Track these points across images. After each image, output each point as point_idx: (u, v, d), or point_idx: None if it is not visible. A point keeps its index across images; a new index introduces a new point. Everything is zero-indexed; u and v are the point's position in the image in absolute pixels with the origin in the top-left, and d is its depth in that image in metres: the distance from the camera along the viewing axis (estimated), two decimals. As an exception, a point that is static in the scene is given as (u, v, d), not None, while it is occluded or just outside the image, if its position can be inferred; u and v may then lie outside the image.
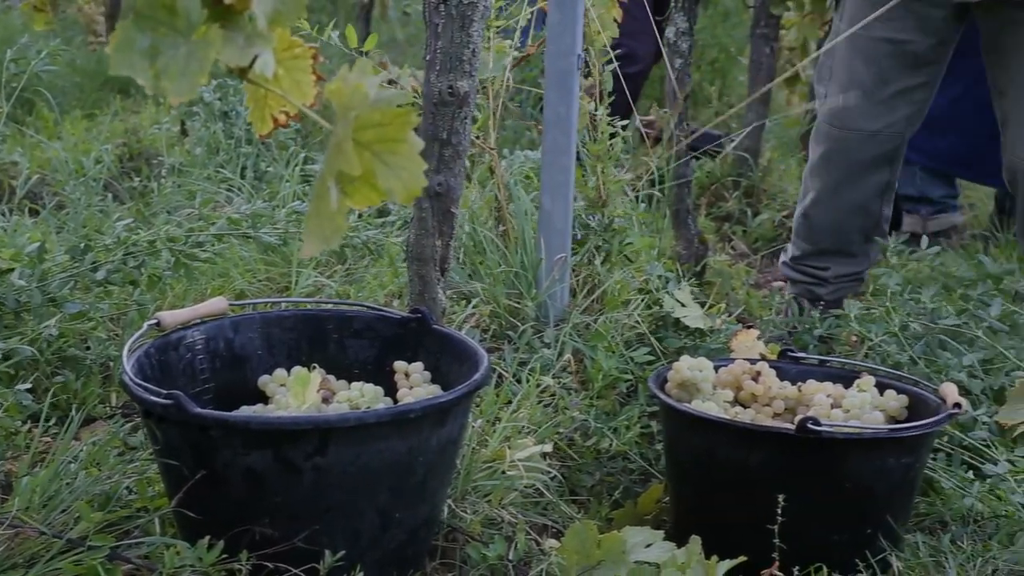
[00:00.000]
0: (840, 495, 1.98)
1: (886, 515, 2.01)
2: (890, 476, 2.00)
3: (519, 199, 2.68)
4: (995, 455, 2.29)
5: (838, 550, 2.00)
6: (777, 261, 4.22)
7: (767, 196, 4.54)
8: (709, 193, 4.55)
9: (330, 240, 1.24)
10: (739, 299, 3.36)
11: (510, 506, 1.99)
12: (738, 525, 2.01)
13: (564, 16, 2.47)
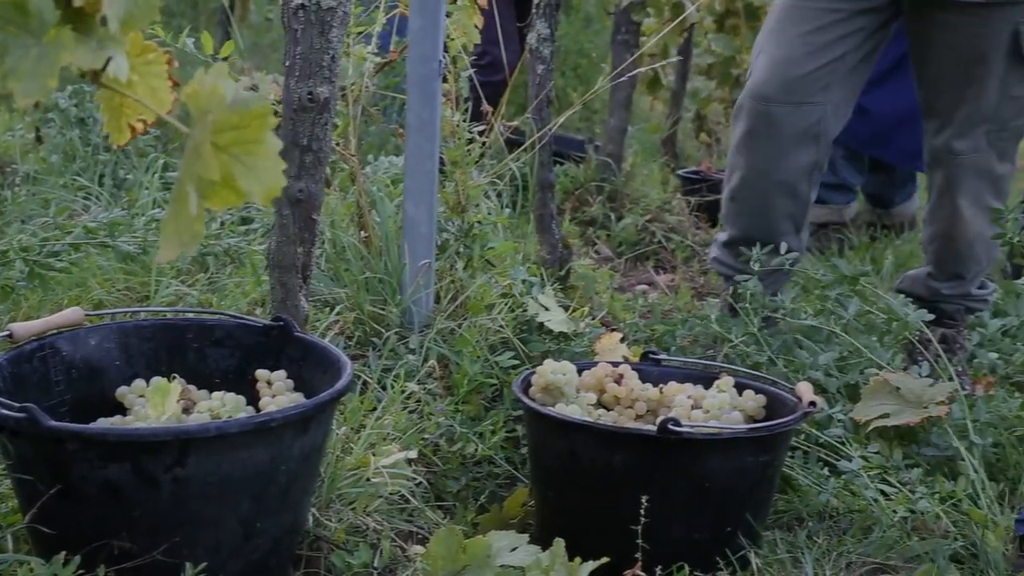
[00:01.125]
0: (701, 494, 2.02)
1: (745, 513, 2.05)
2: (749, 475, 2.04)
3: (383, 205, 2.67)
4: (850, 452, 2.35)
5: (699, 549, 2.03)
6: (640, 265, 4.29)
7: (630, 200, 4.59)
8: (573, 198, 4.58)
9: (188, 245, 1.22)
10: (603, 302, 3.39)
11: (375, 513, 1.98)
12: (602, 526, 2.03)
13: (425, 21, 2.48)
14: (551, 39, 3.05)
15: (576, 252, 3.87)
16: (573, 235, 4.12)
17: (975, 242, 2.99)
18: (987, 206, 2.93)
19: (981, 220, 2.95)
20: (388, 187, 2.87)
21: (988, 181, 2.96)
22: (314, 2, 1.96)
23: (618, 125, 4.65)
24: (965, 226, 2.98)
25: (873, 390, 2.45)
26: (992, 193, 2.96)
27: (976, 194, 2.96)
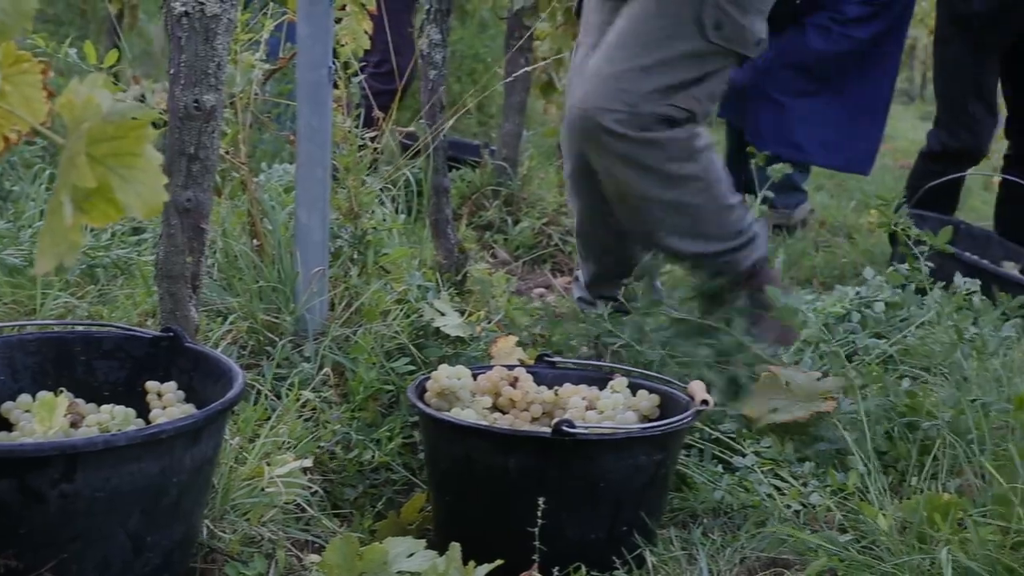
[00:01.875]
0: (596, 495, 2.03)
1: (640, 512, 2.07)
2: (643, 473, 2.06)
3: (275, 213, 2.65)
4: (743, 448, 2.38)
5: (595, 549, 2.04)
6: (537, 268, 4.31)
7: (527, 204, 4.61)
8: (470, 203, 4.59)
9: (65, 256, 1.20)
10: (499, 306, 3.40)
11: (270, 523, 1.97)
12: (498, 530, 2.04)
13: (314, 28, 2.46)
14: (443, 44, 3.05)
15: (473, 256, 3.87)
16: (470, 240, 4.13)
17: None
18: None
19: None
20: (281, 195, 2.85)
21: None
22: (198, 9, 1.94)
23: (513, 129, 4.66)
24: None
25: (763, 386, 2.48)
26: None
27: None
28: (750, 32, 2.75)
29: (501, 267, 4.05)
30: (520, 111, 4.72)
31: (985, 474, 2.19)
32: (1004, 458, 2.15)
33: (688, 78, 2.73)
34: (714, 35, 2.70)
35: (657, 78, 2.71)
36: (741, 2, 2.71)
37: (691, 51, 2.72)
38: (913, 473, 2.29)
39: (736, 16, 2.71)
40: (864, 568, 2.00)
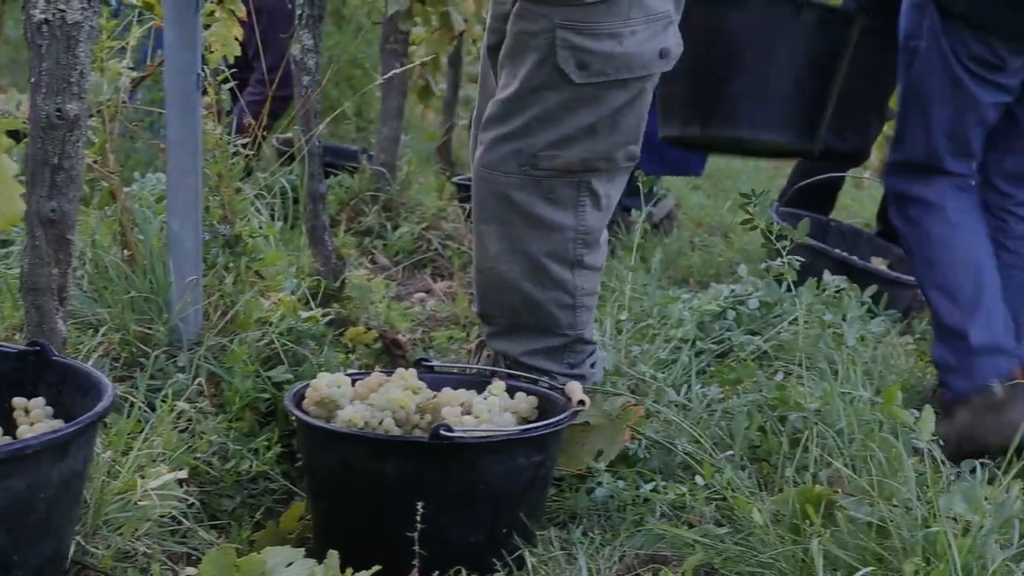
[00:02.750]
0: (475, 498, 2.04)
1: (520, 513, 2.08)
2: (522, 475, 2.07)
3: (147, 222, 2.62)
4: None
5: (476, 551, 2.05)
6: (418, 273, 4.31)
7: (406, 209, 4.61)
8: (349, 208, 4.57)
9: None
10: (380, 312, 3.39)
11: (145, 537, 1.94)
12: (378, 536, 2.04)
13: (181, 34, 2.43)
14: (315, 50, 3.03)
15: (351, 263, 3.86)
16: (349, 246, 4.11)
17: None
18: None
19: None
20: (153, 204, 2.81)
21: None
22: (58, 16, 1.90)
23: (391, 134, 4.66)
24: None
25: (567, 438, 2.46)
26: None
27: None
28: (633, 55, 2.36)
29: (381, 273, 4.05)
30: (398, 116, 4.71)
31: (855, 464, 2.25)
32: (872, 449, 2.20)
33: (583, 124, 2.40)
34: (581, 76, 2.36)
35: (544, 134, 2.40)
36: (588, 30, 2.33)
37: (568, 99, 2.38)
38: (785, 466, 2.34)
39: (594, 47, 2.34)
40: (740, 561, 2.03)
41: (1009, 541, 1.91)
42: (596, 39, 2.33)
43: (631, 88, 2.39)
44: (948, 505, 1.90)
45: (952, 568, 1.77)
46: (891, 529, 1.91)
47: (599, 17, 2.33)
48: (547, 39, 2.34)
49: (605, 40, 2.33)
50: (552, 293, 2.48)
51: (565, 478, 2.37)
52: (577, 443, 2.40)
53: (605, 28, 2.33)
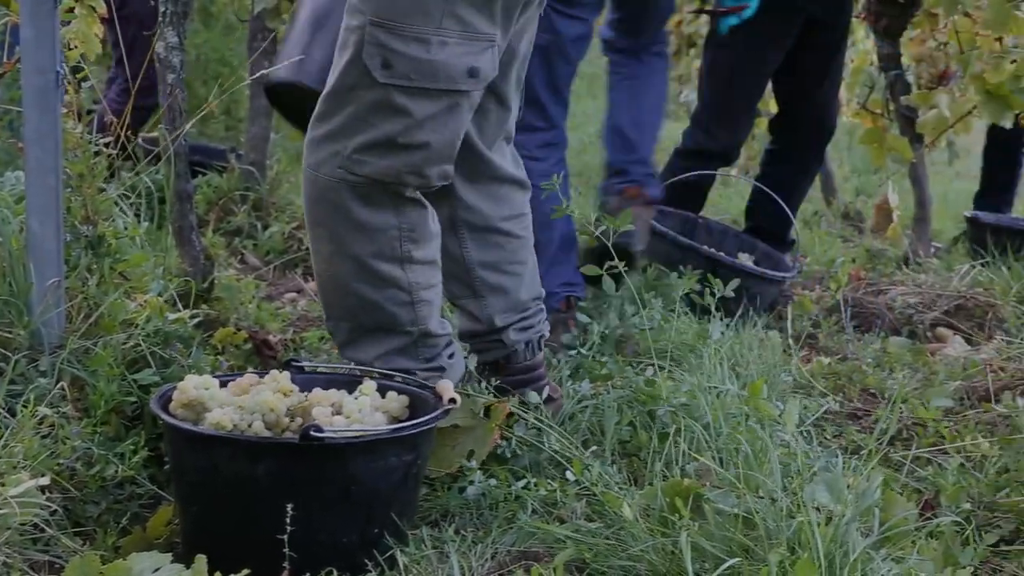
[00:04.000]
0: (347, 498, 2.03)
1: (391, 513, 2.07)
2: (393, 475, 2.07)
3: (6, 223, 2.55)
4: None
5: (347, 552, 2.04)
6: (289, 273, 4.27)
7: (276, 209, 4.57)
8: (218, 208, 4.52)
9: None
10: (250, 312, 3.36)
11: (4, 546, 1.89)
12: (248, 539, 2.01)
13: (39, 31, 2.38)
14: (180, 47, 2.99)
15: (221, 263, 3.81)
16: (218, 246, 4.06)
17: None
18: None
19: None
20: (12, 204, 2.74)
21: None
22: (-91, 11, 1.85)
23: (260, 133, 4.61)
24: None
25: (441, 439, 2.46)
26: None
27: None
28: (439, 65, 2.32)
29: (251, 273, 4.00)
30: (267, 114, 4.66)
31: (722, 457, 2.29)
32: (738, 441, 2.24)
33: (391, 131, 2.35)
34: (384, 75, 2.31)
35: (357, 137, 2.36)
36: (397, 30, 2.30)
37: (376, 100, 2.34)
38: (655, 460, 2.37)
39: (399, 47, 2.30)
40: (610, 555, 2.05)
41: (870, 529, 1.96)
42: (403, 40, 2.30)
43: (439, 100, 2.35)
44: (812, 495, 1.94)
45: (815, 557, 1.81)
46: (757, 520, 1.94)
47: (409, 19, 2.30)
48: (359, 35, 2.33)
49: (412, 43, 2.31)
50: (387, 292, 2.45)
51: (437, 477, 2.36)
52: (447, 445, 2.40)
53: (413, 31, 2.30)
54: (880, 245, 5.11)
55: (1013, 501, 2.38)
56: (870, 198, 6.75)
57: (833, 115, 4.62)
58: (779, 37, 4.35)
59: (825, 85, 4.51)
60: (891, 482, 2.44)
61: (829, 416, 3.01)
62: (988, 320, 3.80)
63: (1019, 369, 3.15)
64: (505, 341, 2.72)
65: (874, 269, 4.75)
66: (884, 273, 4.62)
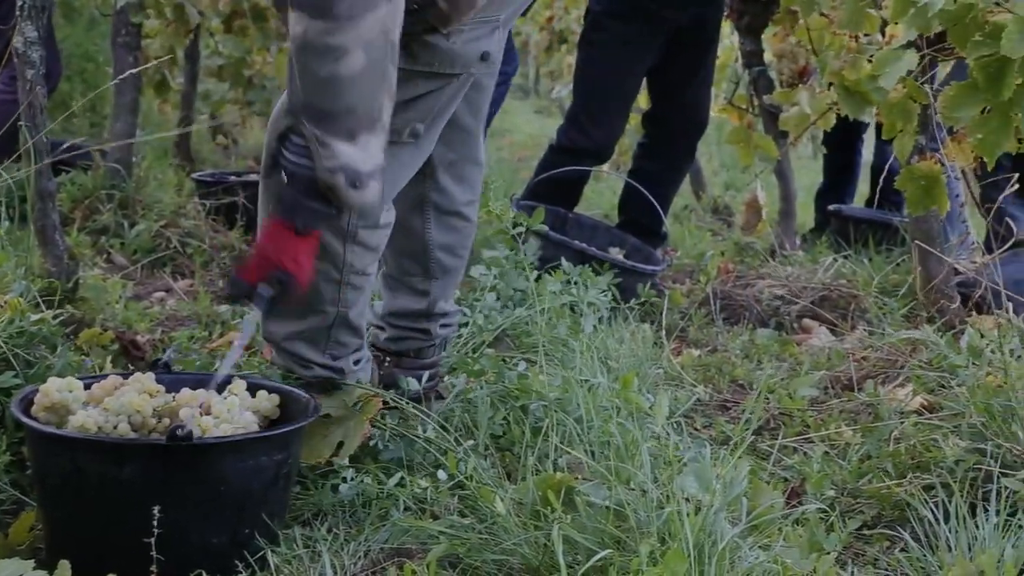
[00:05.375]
0: (217, 499, 2.00)
1: (262, 513, 2.05)
2: (263, 475, 2.05)
3: None
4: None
5: (218, 554, 2.01)
6: (157, 272, 4.20)
7: (143, 207, 4.48)
8: (83, 207, 4.42)
9: None
10: (117, 313, 3.29)
11: None
12: (114, 542, 1.98)
13: None
14: (40, 42, 2.92)
15: (86, 262, 3.73)
16: (83, 245, 3.98)
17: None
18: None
19: None
20: None
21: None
22: None
23: (126, 130, 4.52)
24: None
25: (308, 430, 2.43)
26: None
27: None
28: (457, 53, 2.36)
29: (117, 272, 3.93)
30: (132, 111, 4.57)
31: (594, 450, 2.31)
32: (610, 434, 2.27)
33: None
34: (406, 62, 2.32)
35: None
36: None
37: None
38: (528, 454, 2.38)
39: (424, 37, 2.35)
40: (483, 550, 2.06)
41: (738, 518, 2.00)
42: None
43: (441, 79, 2.39)
44: (682, 486, 1.97)
45: (685, 546, 1.84)
46: (628, 512, 1.97)
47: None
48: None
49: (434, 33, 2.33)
50: (322, 264, 2.40)
51: (309, 476, 2.35)
52: (318, 436, 2.38)
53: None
54: (748, 239, 5.19)
55: (875, 487, 2.45)
56: (739, 192, 6.86)
57: (705, 112, 4.69)
58: (649, 40, 4.42)
59: (696, 82, 4.59)
60: (758, 471, 2.49)
61: (699, 407, 3.06)
62: (851, 311, 3.89)
63: (881, 358, 3.23)
64: (432, 332, 2.73)
65: (742, 262, 4.83)
66: (752, 266, 4.70)
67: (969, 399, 2.59)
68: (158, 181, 4.77)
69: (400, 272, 2.72)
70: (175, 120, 6.14)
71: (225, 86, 6.06)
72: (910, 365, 3.06)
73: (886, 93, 3.13)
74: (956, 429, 2.57)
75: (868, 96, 3.28)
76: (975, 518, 2.14)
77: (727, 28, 5.24)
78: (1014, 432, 2.45)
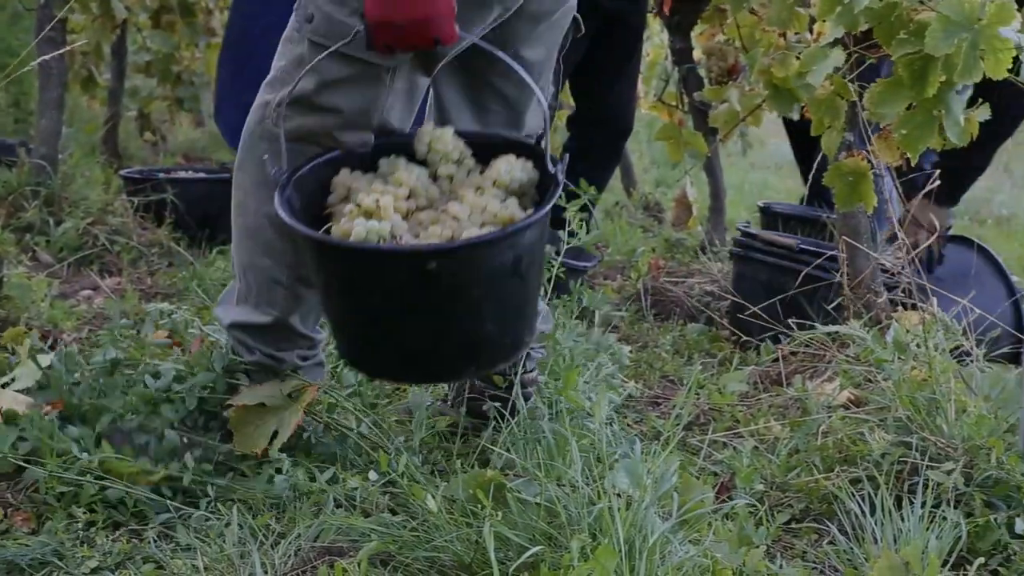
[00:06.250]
0: None
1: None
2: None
3: None
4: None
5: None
6: (84, 270, 4.14)
7: (70, 204, 4.42)
8: (7, 204, 4.35)
9: None
10: (42, 312, 3.25)
11: None
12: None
13: None
14: (-38, 36, 2.87)
15: (10, 260, 3.68)
16: (7, 243, 3.92)
17: None
18: None
19: None
20: None
21: None
22: None
23: (51, 126, 4.45)
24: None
25: (241, 419, 2.42)
26: None
27: None
28: (350, 29, 2.18)
29: (43, 271, 3.87)
30: (58, 107, 4.51)
31: (527, 448, 2.31)
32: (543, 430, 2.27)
33: (306, 88, 2.27)
34: (307, 30, 2.26)
35: (283, 90, 2.29)
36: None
37: (300, 54, 2.29)
38: (460, 453, 2.38)
39: (325, 5, 2.23)
40: (415, 547, 2.06)
41: (668, 513, 2.01)
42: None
43: (351, 66, 2.24)
44: (613, 481, 1.97)
45: (615, 541, 1.84)
46: (559, 508, 1.97)
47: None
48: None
49: (332, 2, 2.22)
50: (267, 261, 2.39)
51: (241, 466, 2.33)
52: (252, 424, 2.36)
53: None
54: (679, 235, 5.23)
55: (803, 481, 2.47)
56: (670, 189, 6.90)
57: (630, 112, 4.71)
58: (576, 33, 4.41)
59: (621, 83, 4.60)
60: (689, 466, 2.51)
61: (631, 403, 3.07)
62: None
63: (808, 353, 3.26)
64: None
65: (673, 258, 4.86)
66: (683, 262, 4.73)
67: (895, 393, 2.62)
68: (85, 178, 4.71)
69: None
70: (102, 116, 6.07)
71: (153, 82, 6.00)
72: (837, 360, 3.09)
73: (813, 90, 3.16)
74: (882, 423, 2.61)
75: (796, 93, 3.31)
76: (901, 510, 2.17)
77: (657, 26, 5.27)
78: (939, 425, 2.49)
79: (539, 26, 2.42)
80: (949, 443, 2.45)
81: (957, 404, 2.53)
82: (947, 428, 2.48)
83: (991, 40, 2.60)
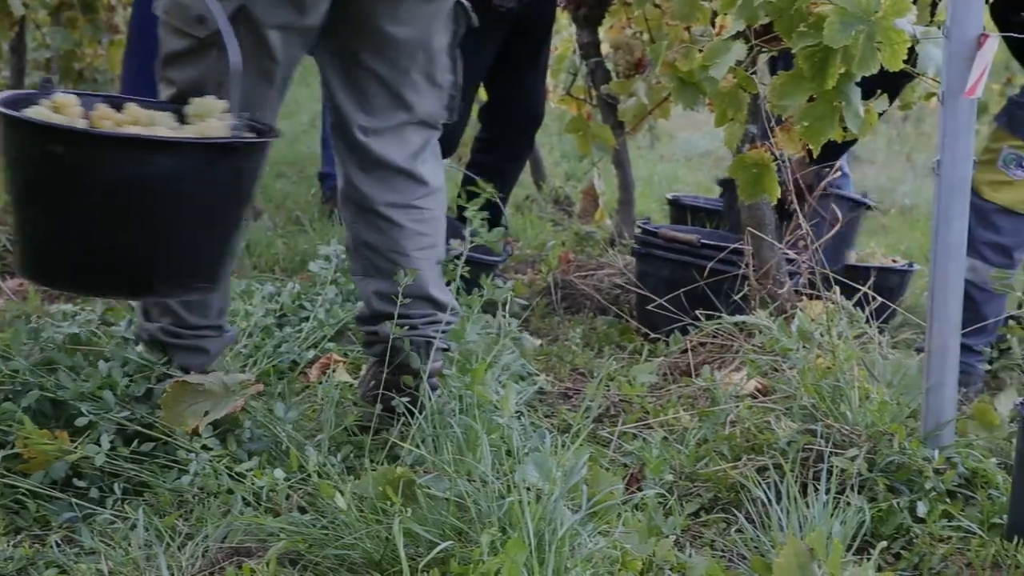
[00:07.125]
0: None
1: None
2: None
3: None
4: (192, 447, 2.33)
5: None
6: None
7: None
8: None
9: None
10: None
11: None
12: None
13: None
14: None
15: None
16: None
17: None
18: None
19: None
20: None
21: None
22: None
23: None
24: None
25: (174, 395, 2.40)
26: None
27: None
28: (181, 4, 2.37)
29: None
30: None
31: (437, 444, 2.31)
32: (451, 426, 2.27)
33: (157, 64, 2.44)
34: (158, 8, 2.43)
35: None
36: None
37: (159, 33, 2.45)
38: (371, 449, 2.37)
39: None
40: (325, 545, 2.05)
41: (578, 505, 2.02)
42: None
43: (182, 40, 2.38)
44: (523, 475, 1.98)
45: (525, 535, 1.85)
46: (469, 503, 1.97)
47: None
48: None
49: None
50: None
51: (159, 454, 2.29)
52: (185, 402, 2.34)
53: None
54: (588, 228, 5.25)
55: (711, 471, 2.50)
56: (579, 183, 6.92)
57: (541, 103, 4.72)
58: (491, 31, 4.41)
59: (532, 75, 4.61)
60: (599, 458, 2.53)
61: (541, 396, 3.08)
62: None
63: (716, 344, 3.30)
64: (379, 332, 2.64)
65: (583, 252, 4.88)
66: (592, 255, 4.75)
67: (800, 381, 2.66)
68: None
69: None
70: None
71: (55, 79, 5.90)
72: (744, 350, 3.13)
73: (717, 83, 3.19)
74: (788, 411, 2.65)
75: (701, 86, 3.34)
76: (806, 497, 2.20)
77: (565, 20, 5.28)
78: (843, 412, 2.53)
79: (401, 2, 2.48)
80: (853, 430, 2.49)
81: (860, 391, 2.58)
82: (851, 415, 2.52)
83: (887, 32, 2.65)
